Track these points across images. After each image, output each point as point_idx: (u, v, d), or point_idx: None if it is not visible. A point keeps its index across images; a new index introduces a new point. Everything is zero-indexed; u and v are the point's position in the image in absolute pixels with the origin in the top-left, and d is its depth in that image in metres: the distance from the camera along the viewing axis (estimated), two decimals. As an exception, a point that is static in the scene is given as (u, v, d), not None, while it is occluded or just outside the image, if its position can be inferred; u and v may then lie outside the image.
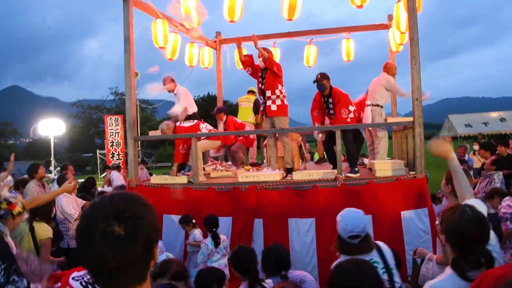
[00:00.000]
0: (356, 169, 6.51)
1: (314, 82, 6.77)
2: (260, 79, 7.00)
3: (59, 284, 3.49)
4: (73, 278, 3.74)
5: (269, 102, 6.85)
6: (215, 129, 7.61)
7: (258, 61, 6.94)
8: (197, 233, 5.86)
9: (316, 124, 6.98)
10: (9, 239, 3.44)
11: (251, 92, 10.07)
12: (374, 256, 3.00)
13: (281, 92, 6.84)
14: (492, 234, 2.31)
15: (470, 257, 2.14)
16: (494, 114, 26.42)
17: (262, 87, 6.91)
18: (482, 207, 2.53)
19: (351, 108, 6.98)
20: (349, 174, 6.33)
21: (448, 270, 2.22)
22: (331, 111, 6.87)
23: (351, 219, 3.07)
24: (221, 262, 5.31)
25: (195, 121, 7.38)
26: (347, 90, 7.55)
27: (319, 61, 10.25)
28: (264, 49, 6.92)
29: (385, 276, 2.91)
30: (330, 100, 6.80)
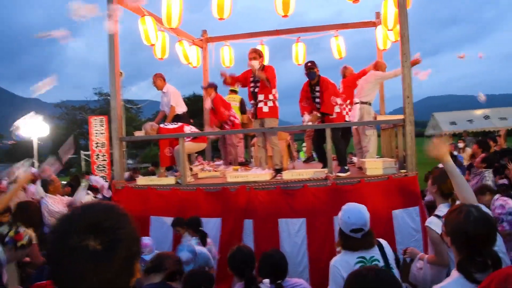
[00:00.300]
0: (346, 167, 6.43)
1: (306, 69, 6.73)
2: (252, 83, 6.84)
3: None
4: None
5: (260, 104, 6.72)
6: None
7: (249, 64, 6.73)
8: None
9: (305, 114, 6.82)
10: (3, 271, 3.29)
11: (233, 91, 9.86)
12: (375, 253, 2.95)
13: (274, 96, 6.73)
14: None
15: (477, 259, 2.05)
16: (479, 112, 26.53)
17: (255, 90, 6.76)
18: (486, 208, 2.45)
19: (338, 100, 6.91)
20: (340, 174, 6.23)
21: (455, 273, 2.13)
22: (317, 100, 6.79)
23: (354, 212, 3.02)
24: None
25: (179, 123, 7.21)
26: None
27: (308, 59, 10.18)
28: (256, 51, 6.77)
29: None
30: (318, 88, 6.72)
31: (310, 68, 6.71)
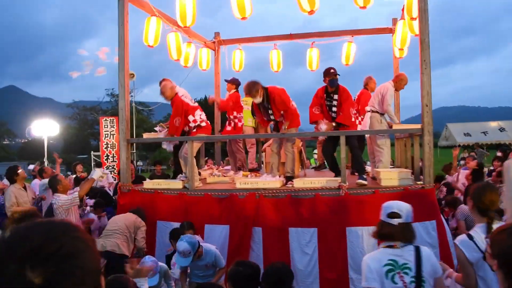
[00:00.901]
0: (365, 176, 6.19)
1: (328, 75, 6.44)
2: (264, 111, 6.56)
3: None
4: None
5: (280, 118, 6.54)
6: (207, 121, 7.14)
7: (255, 100, 6.45)
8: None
9: (322, 122, 6.53)
10: None
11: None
12: (409, 260, 2.73)
13: (292, 110, 6.52)
14: None
15: None
16: (493, 124, 26.20)
17: (272, 117, 6.54)
18: None
19: (353, 111, 6.70)
20: (360, 181, 5.98)
21: None
22: (334, 109, 6.53)
23: (394, 202, 3.00)
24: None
25: (195, 103, 7.06)
26: (352, 93, 7.21)
27: (324, 64, 9.97)
28: (253, 87, 6.37)
29: (411, 286, 2.67)
30: (336, 97, 6.47)
31: (334, 75, 6.44)
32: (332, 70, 6.47)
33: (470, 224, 5.89)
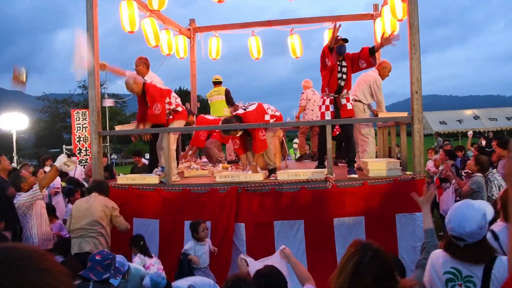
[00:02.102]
0: (354, 168, 5.90)
1: (335, 43, 5.90)
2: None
3: None
4: None
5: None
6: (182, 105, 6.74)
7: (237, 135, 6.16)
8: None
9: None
10: None
11: (217, 83, 9.24)
12: (475, 274, 2.32)
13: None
14: None
15: None
16: (468, 112, 26.55)
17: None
18: None
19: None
20: (352, 176, 5.67)
21: None
22: (344, 77, 6.10)
23: (457, 217, 2.38)
24: None
25: (167, 88, 6.59)
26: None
27: (305, 52, 9.64)
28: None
29: None
30: (344, 63, 6.06)
31: (344, 40, 5.93)
32: (338, 37, 5.97)
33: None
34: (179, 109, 6.45)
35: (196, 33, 9.56)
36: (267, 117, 6.03)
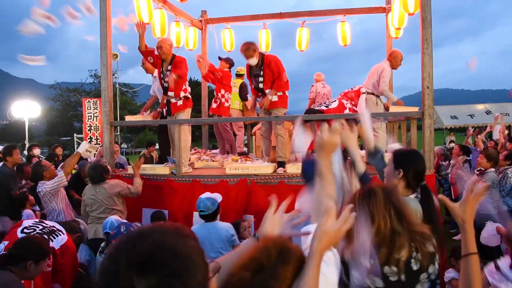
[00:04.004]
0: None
1: None
2: (254, 78, 6.34)
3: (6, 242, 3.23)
4: (22, 231, 3.44)
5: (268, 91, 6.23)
6: None
7: (248, 61, 6.25)
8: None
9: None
10: None
11: (239, 75, 9.32)
12: None
13: (284, 86, 6.27)
14: None
15: None
16: (480, 107, 26.15)
17: (261, 86, 6.28)
18: None
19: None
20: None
21: None
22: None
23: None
24: None
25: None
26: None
27: (313, 46, 9.61)
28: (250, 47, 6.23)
29: None
30: None
31: None
32: None
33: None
34: (189, 96, 6.50)
35: (208, 24, 9.57)
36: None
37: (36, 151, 10.04)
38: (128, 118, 7.40)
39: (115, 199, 5.16)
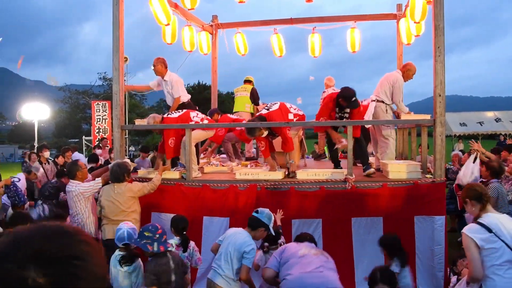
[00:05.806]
0: (369, 166, 5.95)
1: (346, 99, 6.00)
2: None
3: None
4: None
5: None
6: (208, 117, 6.87)
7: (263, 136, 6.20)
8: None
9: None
10: None
11: (247, 81, 9.39)
12: None
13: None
14: None
15: None
16: (490, 114, 25.89)
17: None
18: None
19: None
20: (368, 171, 5.83)
21: None
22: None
23: None
24: None
25: (184, 110, 6.62)
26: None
27: (323, 51, 9.60)
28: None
29: None
30: (347, 110, 6.17)
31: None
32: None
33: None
34: (206, 121, 6.52)
35: (218, 29, 9.60)
36: (290, 116, 6.07)
37: (46, 154, 10.08)
38: (138, 122, 7.42)
39: (132, 201, 5.24)
